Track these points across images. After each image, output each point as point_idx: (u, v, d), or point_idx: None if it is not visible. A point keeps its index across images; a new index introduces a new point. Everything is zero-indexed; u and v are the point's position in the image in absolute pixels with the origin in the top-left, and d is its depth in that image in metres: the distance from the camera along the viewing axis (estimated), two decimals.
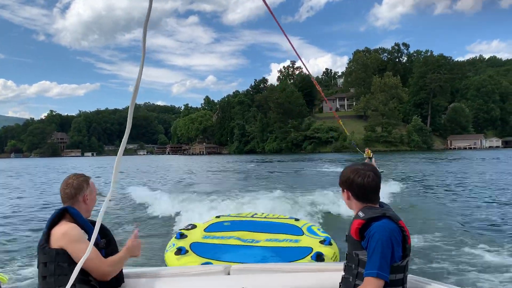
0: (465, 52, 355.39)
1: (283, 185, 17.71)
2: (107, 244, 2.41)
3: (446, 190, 15.58)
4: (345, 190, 2.24)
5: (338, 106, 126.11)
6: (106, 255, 2.36)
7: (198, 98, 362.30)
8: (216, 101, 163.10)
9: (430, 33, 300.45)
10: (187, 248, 3.70)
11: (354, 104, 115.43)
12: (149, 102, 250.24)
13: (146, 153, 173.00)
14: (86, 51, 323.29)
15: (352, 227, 2.13)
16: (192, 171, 34.23)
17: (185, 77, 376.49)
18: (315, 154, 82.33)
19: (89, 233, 2.28)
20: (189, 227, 4.41)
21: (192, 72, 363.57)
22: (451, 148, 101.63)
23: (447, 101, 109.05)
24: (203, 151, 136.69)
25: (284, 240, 3.89)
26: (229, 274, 2.68)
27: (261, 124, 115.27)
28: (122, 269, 2.44)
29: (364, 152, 26.42)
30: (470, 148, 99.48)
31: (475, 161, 38.55)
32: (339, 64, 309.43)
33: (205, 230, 4.30)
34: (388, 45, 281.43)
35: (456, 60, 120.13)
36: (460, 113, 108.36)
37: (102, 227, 2.33)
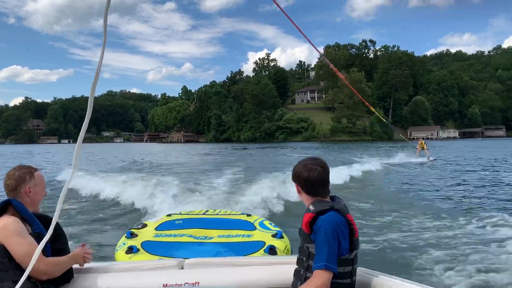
0: (438, 44, 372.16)
1: (246, 170, 19.02)
2: (55, 238, 2.32)
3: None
4: (295, 184, 2.39)
5: (309, 98, 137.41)
6: (52, 251, 2.33)
7: (174, 85, 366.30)
8: (193, 90, 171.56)
9: (404, 25, 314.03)
10: (139, 246, 3.68)
11: (324, 96, 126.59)
12: (125, 90, 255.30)
13: (123, 141, 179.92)
14: (59, 36, 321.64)
15: (303, 220, 2.24)
16: (160, 159, 34.50)
17: (161, 64, 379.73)
18: (287, 143, 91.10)
19: (33, 226, 2.27)
20: (140, 226, 4.39)
21: (168, 59, 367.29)
22: (411, 138, 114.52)
23: (408, 95, 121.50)
24: (181, 139, 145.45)
25: (236, 236, 3.98)
26: (182, 268, 2.70)
27: (237, 114, 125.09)
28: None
29: (418, 143, 29.87)
30: (428, 138, 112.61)
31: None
32: (316, 54, 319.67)
33: (156, 228, 4.28)
34: (364, 35, 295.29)
35: (426, 53, 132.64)
36: (421, 106, 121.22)
37: (51, 220, 1.92)
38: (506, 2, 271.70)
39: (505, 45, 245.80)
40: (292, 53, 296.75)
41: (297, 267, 2.28)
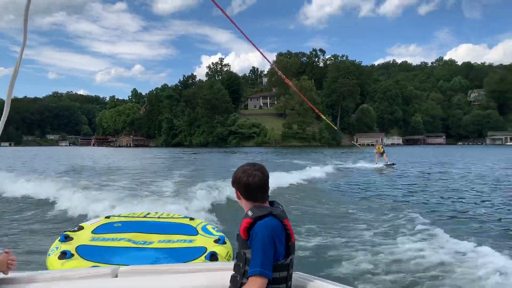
0: (386, 54, 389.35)
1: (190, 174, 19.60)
2: None
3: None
4: (235, 189, 2.40)
5: (261, 104, 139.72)
6: None
7: (124, 87, 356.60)
8: (144, 93, 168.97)
9: (355, 34, 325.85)
10: (73, 251, 3.52)
11: (276, 103, 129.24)
12: (71, 91, 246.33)
13: (68, 144, 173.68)
14: (0, 33, 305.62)
15: (241, 226, 2.25)
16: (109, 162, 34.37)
17: (110, 65, 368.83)
18: (239, 148, 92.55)
19: None
20: (75, 228, 4.19)
21: (117, 60, 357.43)
22: (360, 144, 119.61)
23: (355, 103, 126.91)
24: (130, 144, 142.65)
25: (178, 241, 3.90)
26: (117, 276, 2.62)
27: (189, 119, 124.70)
28: None
29: (376, 148, 30.27)
30: (373, 145, 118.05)
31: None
32: (270, 59, 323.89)
33: (93, 231, 4.12)
34: (316, 43, 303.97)
35: (375, 62, 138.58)
36: (367, 113, 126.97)
37: None
38: (449, 16, 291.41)
39: (447, 57, 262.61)
40: (246, 58, 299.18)
41: (233, 273, 2.31)
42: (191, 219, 4.68)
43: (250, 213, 2.24)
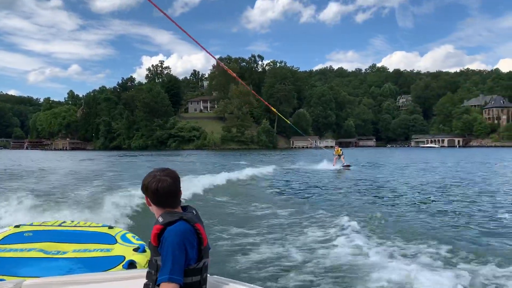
0: (325, 60, 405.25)
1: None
2: None
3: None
4: (145, 196, 2.33)
5: (202, 107, 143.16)
6: None
7: (59, 88, 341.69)
8: (81, 95, 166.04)
9: (296, 40, 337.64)
10: None
11: (215, 106, 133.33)
12: (1, 92, 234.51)
13: None
14: None
15: (152, 233, 2.20)
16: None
17: (44, 65, 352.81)
18: (179, 151, 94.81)
19: None
20: None
21: (52, 60, 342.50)
22: (293, 147, 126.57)
23: (293, 108, 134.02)
24: (66, 147, 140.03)
25: (94, 250, 3.71)
26: None
27: (127, 122, 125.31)
28: None
29: (335, 150, 30.87)
30: (307, 147, 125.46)
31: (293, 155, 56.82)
32: (210, 64, 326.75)
33: (0, 242, 3.79)
34: (259, 47, 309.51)
35: (315, 67, 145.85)
36: (303, 117, 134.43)
37: None
38: (384, 24, 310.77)
39: (382, 64, 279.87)
40: (188, 60, 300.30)
41: (146, 281, 2.27)
42: (110, 227, 4.41)
43: (160, 219, 2.21)
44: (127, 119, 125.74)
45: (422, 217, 10.46)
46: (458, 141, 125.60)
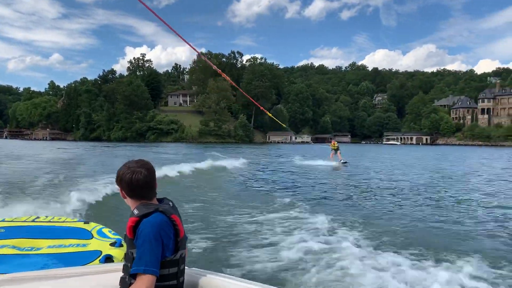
0: (309, 56, 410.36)
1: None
2: None
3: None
4: (119, 188, 2.31)
5: (181, 101, 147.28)
6: None
7: (40, 77, 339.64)
8: (62, 86, 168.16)
9: (281, 35, 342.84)
10: None
11: (195, 101, 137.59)
12: None
13: None
14: None
15: (127, 225, 2.19)
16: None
17: (25, 53, 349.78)
18: (157, 143, 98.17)
19: None
20: None
21: (33, 48, 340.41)
22: (269, 142, 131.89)
23: (271, 103, 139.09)
24: (46, 137, 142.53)
25: (70, 245, 3.60)
26: None
27: (107, 114, 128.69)
28: None
29: (331, 143, 30.30)
30: (283, 142, 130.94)
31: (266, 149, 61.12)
32: (190, 58, 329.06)
33: None
34: (244, 41, 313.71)
35: (300, 63, 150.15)
36: (280, 113, 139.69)
37: None
38: (368, 22, 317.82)
39: (364, 61, 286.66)
40: (173, 52, 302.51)
41: (122, 274, 2.27)
42: (86, 222, 4.25)
43: (136, 211, 2.20)
44: (107, 111, 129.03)
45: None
46: (426, 139, 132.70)
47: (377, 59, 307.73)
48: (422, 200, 13.21)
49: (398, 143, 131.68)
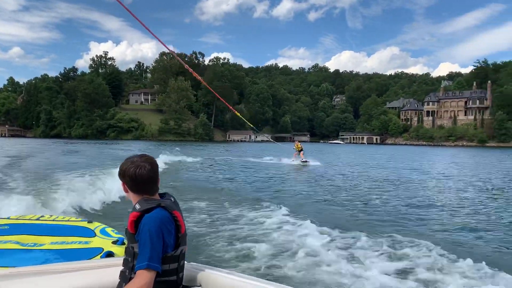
0: (277, 55, 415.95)
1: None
2: None
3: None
4: (122, 182, 2.33)
5: (143, 99, 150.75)
6: None
7: None
8: (22, 83, 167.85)
9: (249, 34, 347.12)
10: None
11: (156, 99, 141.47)
12: None
13: None
14: None
15: (129, 220, 2.21)
16: None
17: None
18: (118, 141, 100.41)
19: None
20: None
21: None
22: (229, 140, 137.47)
23: (233, 102, 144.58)
24: (5, 133, 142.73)
25: (72, 243, 3.66)
26: None
27: (68, 111, 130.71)
28: None
29: (295, 145, 31.17)
30: (243, 141, 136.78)
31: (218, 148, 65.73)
32: (153, 57, 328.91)
33: None
34: (211, 39, 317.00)
35: (267, 63, 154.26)
36: (240, 113, 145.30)
37: None
38: (335, 24, 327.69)
39: (331, 62, 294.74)
40: (139, 48, 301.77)
41: (122, 268, 2.30)
42: (89, 222, 4.34)
43: (137, 206, 2.22)
44: (68, 108, 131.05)
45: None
46: (376, 138, 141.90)
47: (343, 60, 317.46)
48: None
49: (342, 142, 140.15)
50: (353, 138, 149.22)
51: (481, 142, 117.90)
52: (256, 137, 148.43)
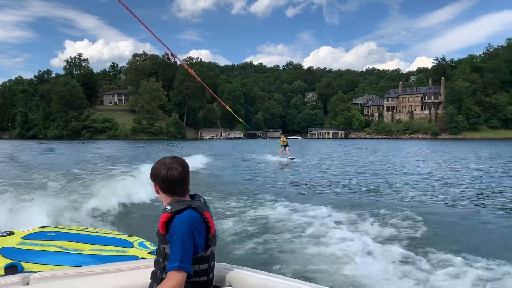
0: (256, 52, 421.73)
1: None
2: None
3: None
4: (154, 184, 2.38)
5: (116, 100, 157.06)
6: None
7: None
8: None
9: (227, 31, 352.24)
10: None
11: (129, 100, 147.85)
12: None
13: None
14: None
15: (160, 221, 2.26)
16: None
17: None
18: (93, 141, 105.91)
19: None
20: (5, 233, 4.13)
21: None
22: (200, 138, 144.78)
23: (205, 102, 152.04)
24: None
25: (110, 251, 3.93)
26: (28, 284, 2.53)
27: (44, 113, 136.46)
28: None
29: (280, 140, 31.63)
30: (214, 138, 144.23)
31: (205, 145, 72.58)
32: (142, 49, 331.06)
33: (23, 237, 4.07)
34: (189, 37, 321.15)
35: (247, 60, 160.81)
36: (212, 112, 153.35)
37: None
38: (312, 20, 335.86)
39: (309, 58, 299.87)
40: (116, 46, 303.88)
41: (154, 269, 2.35)
42: (130, 235, 4.55)
43: (168, 207, 2.26)
44: (43, 110, 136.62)
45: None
46: (341, 133, 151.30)
47: (321, 56, 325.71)
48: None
49: (300, 138, 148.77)
50: (320, 133, 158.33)
51: (434, 134, 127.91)
52: (229, 134, 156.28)
